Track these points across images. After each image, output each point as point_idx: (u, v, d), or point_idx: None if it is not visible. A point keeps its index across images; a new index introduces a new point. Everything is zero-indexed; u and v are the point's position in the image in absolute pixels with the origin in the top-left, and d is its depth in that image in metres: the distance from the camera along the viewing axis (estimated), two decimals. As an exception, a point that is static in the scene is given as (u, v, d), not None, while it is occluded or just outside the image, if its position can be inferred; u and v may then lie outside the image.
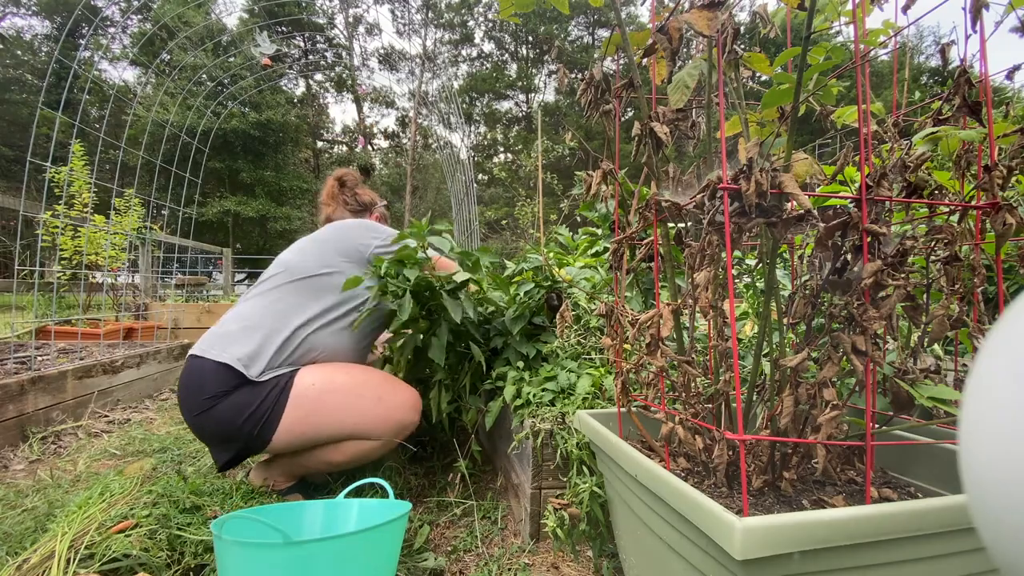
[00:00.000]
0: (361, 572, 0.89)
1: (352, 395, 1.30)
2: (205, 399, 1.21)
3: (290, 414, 1.23)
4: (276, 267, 1.46)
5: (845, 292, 0.67)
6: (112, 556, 0.97)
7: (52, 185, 3.67)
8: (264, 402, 1.22)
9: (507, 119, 27.60)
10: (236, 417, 1.21)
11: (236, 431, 1.21)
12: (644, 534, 0.78)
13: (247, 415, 1.21)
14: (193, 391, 1.23)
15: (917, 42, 17.85)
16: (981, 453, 0.28)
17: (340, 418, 1.28)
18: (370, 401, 1.31)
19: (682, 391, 0.83)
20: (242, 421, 1.21)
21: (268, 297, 1.38)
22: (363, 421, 1.29)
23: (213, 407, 1.21)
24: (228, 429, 1.21)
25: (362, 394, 1.31)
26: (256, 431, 1.22)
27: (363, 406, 1.30)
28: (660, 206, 0.76)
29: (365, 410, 1.30)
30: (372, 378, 1.36)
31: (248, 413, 1.21)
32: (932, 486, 0.79)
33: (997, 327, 0.30)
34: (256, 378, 1.24)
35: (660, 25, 0.72)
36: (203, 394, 1.22)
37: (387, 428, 1.32)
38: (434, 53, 25.01)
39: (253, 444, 1.24)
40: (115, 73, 19.37)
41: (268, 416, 1.22)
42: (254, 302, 1.37)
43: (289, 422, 1.23)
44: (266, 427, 1.22)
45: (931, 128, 0.80)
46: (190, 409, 1.24)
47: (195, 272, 6.90)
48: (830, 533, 0.54)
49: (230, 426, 1.21)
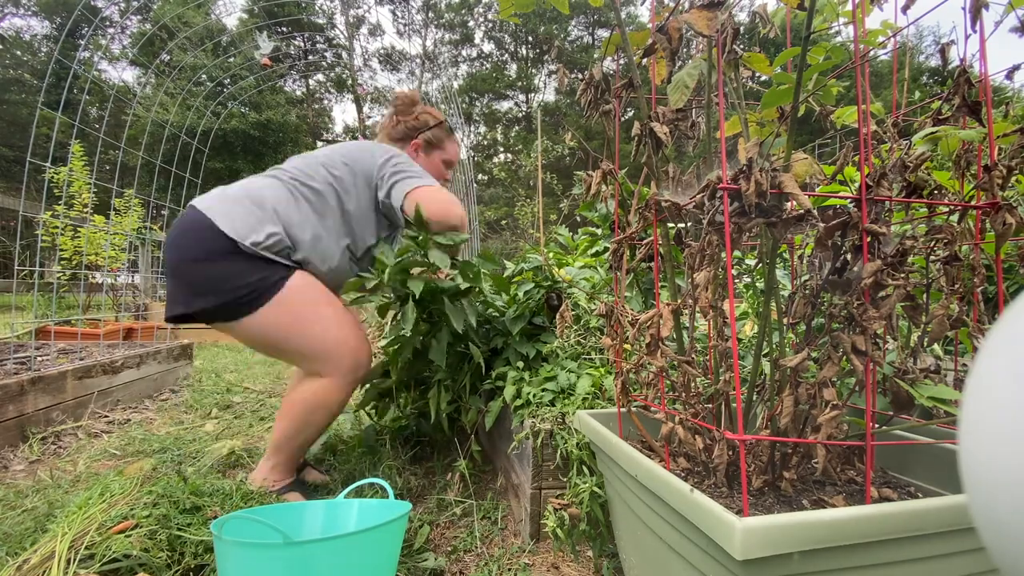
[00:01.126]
0: (362, 572, 0.89)
1: (328, 321, 1.33)
2: (205, 252, 1.26)
3: (272, 308, 1.28)
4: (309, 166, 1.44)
5: (845, 292, 0.67)
6: (112, 556, 0.97)
7: (52, 185, 3.67)
8: (256, 282, 1.27)
9: (507, 119, 27.61)
10: (225, 281, 1.26)
11: (219, 291, 1.26)
12: (644, 534, 0.78)
13: (237, 284, 1.26)
14: (194, 241, 1.28)
15: (917, 42, 17.85)
16: (981, 453, 0.28)
17: (311, 333, 1.32)
18: (338, 334, 1.34)
19: (682, 391, 0.83)
20: (230, 287, 1.26)
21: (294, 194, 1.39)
22: (326, 348, 1.33)
23: (211, 262, 1.26)
24: (214, 285, 1.26)
25: (336, 325, 1.34)
26: (237, 301, 1.26)
27: (332, 335, 1.34)
28: (660, 206, 0.76)
29: (332, 339, 1.34)
30: (348, 318, 1.38)
31: (238, 283, 1.26)
32: (932, 486, 0.79)
33: (997, 327, 0.30)
34: (257, 252, 1.28)
35: (660, 25, 0.72)
36: (203, 248, 1.27)
37: (344, 362, 1.35)
38: (434, 53, 25.00)
39: (224, 312, 1.28)
40: (115, 73, 19.38)
41: (253, 296, 1.27)
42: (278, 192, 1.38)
43: (268, 313, 1.28)
44: (247, 305, 1.27)
45: (931, 128, 0.80)
46: (186, 253, 1.28)
47: (195, 272, 6.88)
48: (830, 533, 0.54)
49: (218, 283, 1.26)
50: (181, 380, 3.07)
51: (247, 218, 1.31)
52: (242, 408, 2.49)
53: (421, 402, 1.60)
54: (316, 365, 1.35)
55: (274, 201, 1.36)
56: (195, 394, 2.74)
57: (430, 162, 1.65)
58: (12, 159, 17.37)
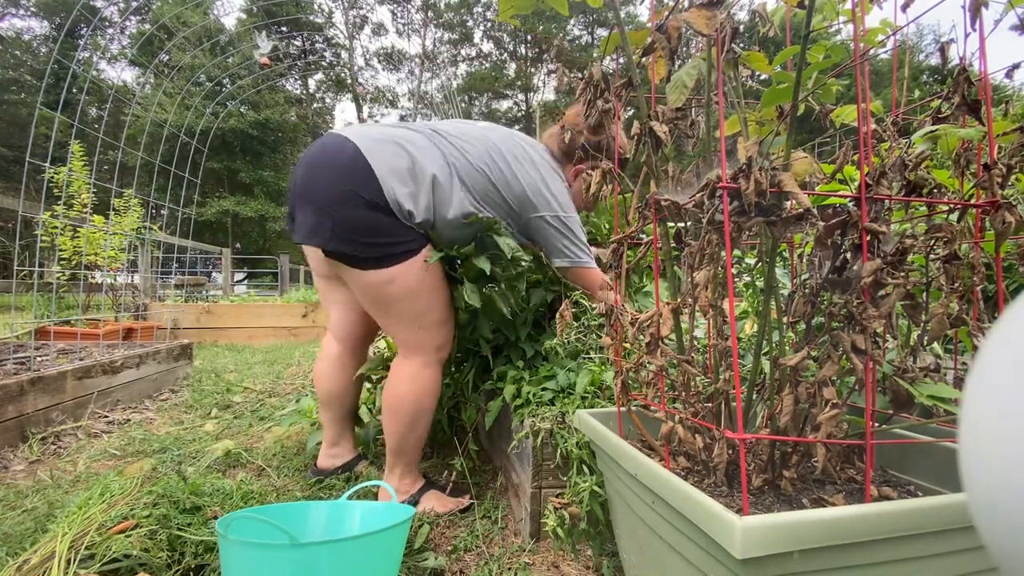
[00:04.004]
0: (366, 574, 0.89)
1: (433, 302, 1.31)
2: (362, 199, 1.20)
3: (396, 270, 1.25)
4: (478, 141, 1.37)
5: (845, 291, 0.67)
6: (112, 556, 0.97)
7: (51, 185, 3.66)
8: (395, 244, 1.24)
9: (506, 118, 27.59)
10: (368, 233, 1.22)
11: (358, 241, 1.22)
12: (644, 533, 0.78)
13: (378, 241, 1.23)
14: (349, 183, 1.21)
15: (916, 40, 17.85)
16: (981, 452, 0.28)
17: (418, 309, 1.30)
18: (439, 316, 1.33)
19: (682, 390, 0.83)
20: (371, 241, 1.22)
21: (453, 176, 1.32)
22: (422, 326, 1.32)
23: (364, 211, 1.21)
24: (357, 233, 1.22)
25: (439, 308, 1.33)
26: (369, 254, 1.23)
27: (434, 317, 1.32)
28: (660, 205, 0.76)
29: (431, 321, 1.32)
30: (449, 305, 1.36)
31: (379, 240, 1.23)
32: (932, 485, 0.79)
33: (997, 326, 0.30)
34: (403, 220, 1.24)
35: (659, 24, 0.72)
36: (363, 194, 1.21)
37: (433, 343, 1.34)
38: (434, 53, 24.98)
39: (354, 259, 1.25)
40: (114, 73, 19.36)
41: (386, 254, 1.24)
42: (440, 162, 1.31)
43: (391, 274, 1.25)
44: (376, 260, 1.24)
45: (930, 126, 0.80)
46: (335, 191, 1.22)
47: (194, 272, 6.90)
48: (830, 532, 0.54)
49: (361, 233, 1.21)
50: (181, 380, 3.07)
51: (404, 180, 1.24)
52: (242, 408, 2.49)
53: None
54: (409, 340, 1.32)
55: (435, 181, 1.28)
56: (195, 394, 2.74)
57: (578, 189, 1.50)
58: (11, 159, 17.35)
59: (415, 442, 1.35)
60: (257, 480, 1.54)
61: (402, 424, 1.32)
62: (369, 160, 1.22)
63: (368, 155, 1.22)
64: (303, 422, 1.79)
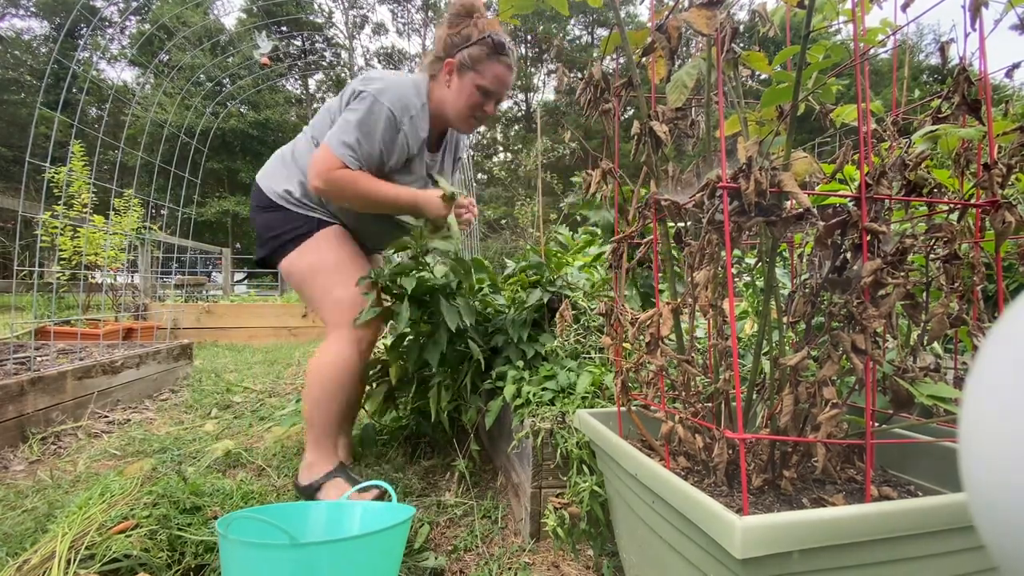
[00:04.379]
0: (366, 575, 0.89)
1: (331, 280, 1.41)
2: (255, 206, 1.49)
3: (295, 256, 1.43)
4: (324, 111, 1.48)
5: (845, 291, 0.67)
6: (112, 556, 0.97)
7: (51, 185, 3.67)
8: (287, 231, 1.43)
9: (506, 118, 27.57)
10: (266, 231, 1.46)
11: (263, 240, 1.47)
12: (644, 533, 0.78)
13: (273, 234, 1.45)
14: (252, 199, 1.52)
15: (917, 40, 17.84)
16: (981, 452, 0.28)
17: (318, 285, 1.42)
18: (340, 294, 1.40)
19: (682, 390, 0.83)
20: (268, 236, 1.45)
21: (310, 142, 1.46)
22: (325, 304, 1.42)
23: (257, 214, 1.48)
24: (260, 234, 1.48)
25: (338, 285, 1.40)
26: (274, 249, 1.45)
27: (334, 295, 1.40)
28: (660, 205, 0.76)
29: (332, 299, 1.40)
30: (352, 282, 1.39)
31: (273, 233, 1.44)
32: (932, 484, 0.79)
33: (998, 325, 0.30)
34: (291, 202, 1.43)
35: (659, 24, 0.72)
36: (253, 204, 1.51)
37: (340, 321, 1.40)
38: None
39: (270, 258, 1.48)
40: (113, 73, 19.36)
41: (283, 243, 1.43)
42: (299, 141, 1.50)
43: (292, 259, 1.43)
44: (279, 251, 1.44)
45: (930, 126, 0.80)
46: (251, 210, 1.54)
47: (194, 272, 6.90)
48: (830, 532, 0.54)
49: (261, 233, 1.47)
50: (181, 380, 3.07)
51: (278, 170, 1.46)
52: (242, 408, 2.49)
53: (421, 401, 1.60)
54: (324, 317, 1.43)
55: (298, 151, 1.46)
56: (195, 394, 2.74)
57: (461, 87, 1.40)
58: (11, 159, 17.35)
59: (324, 417, 1.38)
60: (257, 480, 1.54)
61: (310, 395, 1.38)
62: (257, 176, 1.51)
63: (259, 173, 1.51)
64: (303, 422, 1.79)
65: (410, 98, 1.38)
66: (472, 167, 8.54)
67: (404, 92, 1.37)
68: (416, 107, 1.39)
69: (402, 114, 1.36)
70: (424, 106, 1.42)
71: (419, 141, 1.43)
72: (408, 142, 1.40)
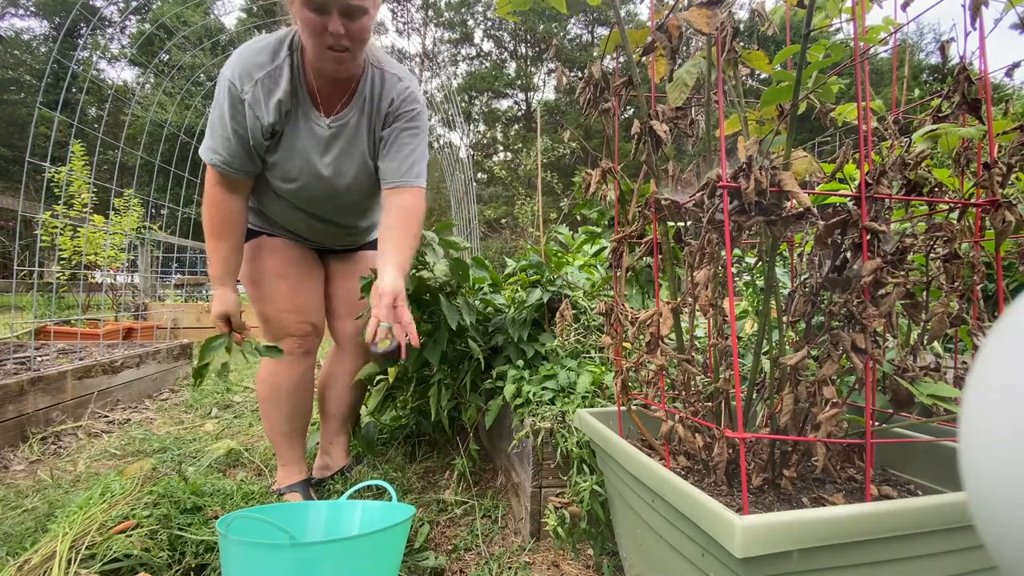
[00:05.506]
0: (366, 574, 0.89)
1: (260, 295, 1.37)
2: None
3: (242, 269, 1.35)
4: None
5: (845, 290, 0.67)
6: (113, 556, 0.97)
7: (52, 185, 3.67)
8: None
9: (506, 117, 27.57)
10: None
11: None
12: (644, 532, 0.78)
13: None
14: None
15: (917, 39, 17.82)
16: (981, 451, 0.28)
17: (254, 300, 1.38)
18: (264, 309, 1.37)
19: (682, 389, 0.83)
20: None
21: None
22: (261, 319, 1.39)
23: None
24: None
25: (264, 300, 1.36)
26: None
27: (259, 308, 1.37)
28: (660, 204, 0.76)
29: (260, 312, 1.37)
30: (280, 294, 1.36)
31: None
32: (932, 484, 0.79)
33: (998, 325, 0.30)
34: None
35: (660, 23, 0.72)
36: None
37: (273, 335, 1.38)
38: (434, 52, 24.98)
39: None
40: (113, 73, 19.33)
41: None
42: None
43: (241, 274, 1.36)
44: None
45: (931, 125, 0.80)
46: None
47: (194, 272, 6.90)
48: (830, 531, 0.54)
49: None
50: (181, 380, 3.07)
51: None
52: (242, 408, 2.49)
53: (421, 401, 1.60)
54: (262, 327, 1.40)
55: None
56: (195, 394, 2.74)
57: (297, 18, 1.11)
58: (11, 159, 17.34)
59: (275, 428, 1.40)
60: (258, 480, 1.55)
61: (261, 411, 1.40)
62: None
63: None
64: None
65: (255, 60, 1.17)
66: (472, 166, 8.53)
67: (247, 55, 1.17)
68: (265, 68, 1.17)
69: (243, 81, 1.15)
70: (285, 61, 1.18)
71: (273, 106, 1.17)
72: (257, 112, 1.16)
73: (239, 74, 1.15)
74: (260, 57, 1.17)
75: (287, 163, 1.24)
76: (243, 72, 1.16)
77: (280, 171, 1.25)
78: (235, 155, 1.18)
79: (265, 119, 1.17)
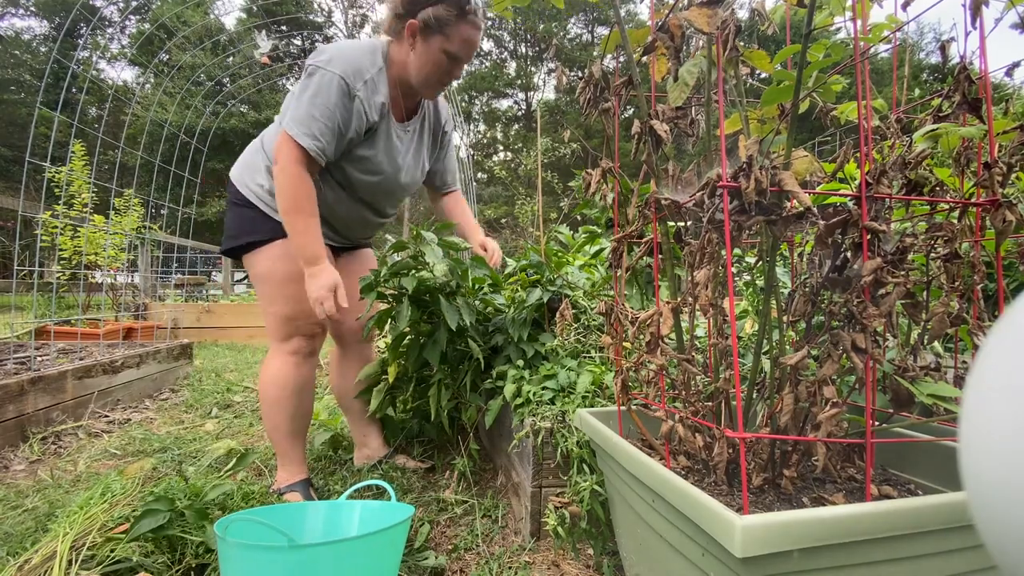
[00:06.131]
0: (365, 575, 0.89)
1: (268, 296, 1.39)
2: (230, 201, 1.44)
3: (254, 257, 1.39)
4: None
5: (845, 290, 0.67)
6: (113, 557, 0.97)
7: (52, 185, 3.67)
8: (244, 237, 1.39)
9: (506, 117, 27.55)
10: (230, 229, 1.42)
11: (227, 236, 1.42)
12: (644, 532, 0.78)
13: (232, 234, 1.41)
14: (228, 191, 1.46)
15: (917, 39, 17.82)
16: (981, 451, 0.28)
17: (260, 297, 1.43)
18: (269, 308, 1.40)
19: (682, 389, 0.83)
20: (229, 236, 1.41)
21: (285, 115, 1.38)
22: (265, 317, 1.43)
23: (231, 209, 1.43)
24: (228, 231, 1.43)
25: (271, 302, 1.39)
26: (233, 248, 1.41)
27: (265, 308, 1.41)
28: (660, 204, 0.76)
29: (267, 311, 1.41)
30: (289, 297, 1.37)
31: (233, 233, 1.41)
32: (932, 483, 0.79)
33: (998, 325, 0.30)
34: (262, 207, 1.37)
35: (661, 23, 0.72)
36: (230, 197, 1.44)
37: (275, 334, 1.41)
38: (433, 52, 24.86)
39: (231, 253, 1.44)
40: (113, 73, 19.33)
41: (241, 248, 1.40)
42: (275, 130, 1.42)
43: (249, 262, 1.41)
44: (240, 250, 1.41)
45: (931, 125, 0.80)
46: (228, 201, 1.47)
47: (195, 272, 6.91)
48: (830, 531, 0.54)
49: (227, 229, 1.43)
50: (181, 380, 3.07)
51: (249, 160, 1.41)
52: (242, 407, 2.50)
53: (421, 400, 1.61)
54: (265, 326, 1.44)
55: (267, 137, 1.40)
56: (195, 394, 2.74)
57: (427, 51, 1.28)
58: (11, 159, 17.35)
59: (278, 428, 1.41)
60: (258, 480, 1.55)
61: (263, 412, 1.42)
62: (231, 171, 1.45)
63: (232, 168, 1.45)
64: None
65: (362, 62, 1.26)
66: (472, 166, 8.53)
67: (355, 56, 1.26)
68: (371, 71, 1.28)
69: (355, 79, 1.24)
70: (382, 70, 1.31)
71: (378, 107, 1.30)
72: (365, 108, 1.27)
73: (351, 72, 1.24)
74: (365, 60, 1.28)
75: (377, 158, 1.36)
76: (355, 71, 1.25)
77: (370, 164, 1.36)
78: (330, 143, 1.26)
79: (371, 116, 1.29)
